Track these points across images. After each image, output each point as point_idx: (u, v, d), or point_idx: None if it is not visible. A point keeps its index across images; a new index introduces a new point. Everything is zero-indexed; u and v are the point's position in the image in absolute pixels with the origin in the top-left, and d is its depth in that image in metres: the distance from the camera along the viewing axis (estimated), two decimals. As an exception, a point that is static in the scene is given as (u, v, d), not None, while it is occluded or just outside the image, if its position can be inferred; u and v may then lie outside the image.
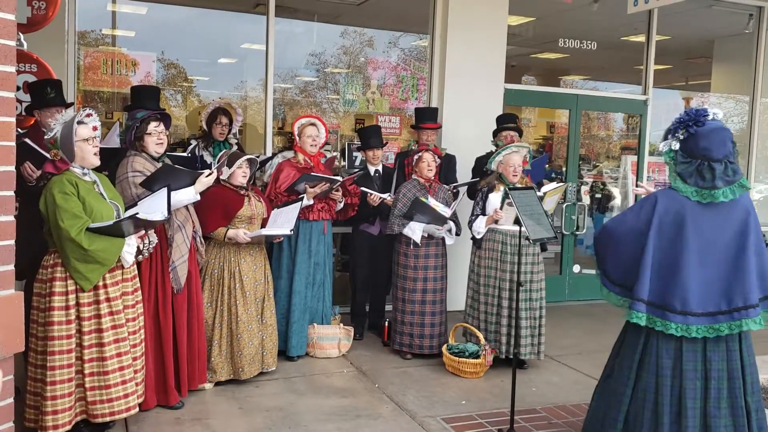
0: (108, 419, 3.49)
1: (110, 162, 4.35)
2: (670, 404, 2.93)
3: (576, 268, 7.66)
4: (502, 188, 5.02)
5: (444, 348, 5.04)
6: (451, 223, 5.15)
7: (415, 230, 5.07)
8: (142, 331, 3.75)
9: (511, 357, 4.73)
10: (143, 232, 3.61)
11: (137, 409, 3.61)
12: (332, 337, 5.24)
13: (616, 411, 3.09)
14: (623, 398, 3.07)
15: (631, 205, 3.17)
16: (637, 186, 3.74)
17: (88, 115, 3.48)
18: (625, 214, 3.12)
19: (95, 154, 3.46)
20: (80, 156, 3.41)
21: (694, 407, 2.90)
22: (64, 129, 3.37)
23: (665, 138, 3.07)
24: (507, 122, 5.89)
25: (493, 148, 5.83)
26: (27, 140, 4.15)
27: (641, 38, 7.88)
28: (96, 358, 3.43)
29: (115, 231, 3.38)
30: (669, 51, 8.14)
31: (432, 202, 5.06)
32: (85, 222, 3.30)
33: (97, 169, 3.61)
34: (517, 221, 3.93)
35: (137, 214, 3.43)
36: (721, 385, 2.91)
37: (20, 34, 3.87)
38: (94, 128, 3.49)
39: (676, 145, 2.97)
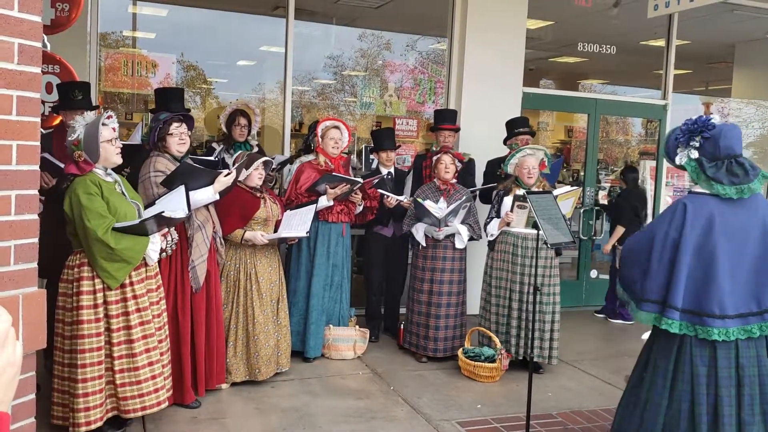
0: (140, 413, 3.57)
1: (132, 158, 4.40)
2: (707, 413, 2.88)
3: (593, 273, 7.61)
4: (515, 191, 5.01)
5: (460, 351, 5.03)
6: (458, 227, 5.12)
7: (418, 230, 5.18)
8: (167, 327, 3.81)
9: (525, 359, 4.73)
10: (166, 230, 3.67)
11: (167, 403, 3.68)
12: (348, 339, 5.24)
13: (653, 423, 3.00)
14: (659, 409, 2.99)
15: (656, 218, 3.06)
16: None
17: (109, 117, 3.54)
18: (652, 228, 3.04)
19: (118, 153, 3.54)
20: (104, 156, 3.47)
21: (730, 414, 2.86)
22: (88, 131, 3.41)
23: (673, 151, 3.03)
24: (521, 126, 5.87)
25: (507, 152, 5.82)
26: (46, 155, 4.15)
27: (661, 43, 7.82)
28: (126, 354, 3.49)
29: (140, 230, 3.44)
30: (689, 55, 8.07)
31: (427, 203, 5.07)
32: (111, 221, 3.36)
33: (118, 166, 3.68)
34: (534, 225, 3.92)
35: (162, 212, 3.49)
36: (753, 392, 2.88)
37: (44, 35, 3.92)
38: (113, 130, 3.55)
39: (694, 154, 2.95)
